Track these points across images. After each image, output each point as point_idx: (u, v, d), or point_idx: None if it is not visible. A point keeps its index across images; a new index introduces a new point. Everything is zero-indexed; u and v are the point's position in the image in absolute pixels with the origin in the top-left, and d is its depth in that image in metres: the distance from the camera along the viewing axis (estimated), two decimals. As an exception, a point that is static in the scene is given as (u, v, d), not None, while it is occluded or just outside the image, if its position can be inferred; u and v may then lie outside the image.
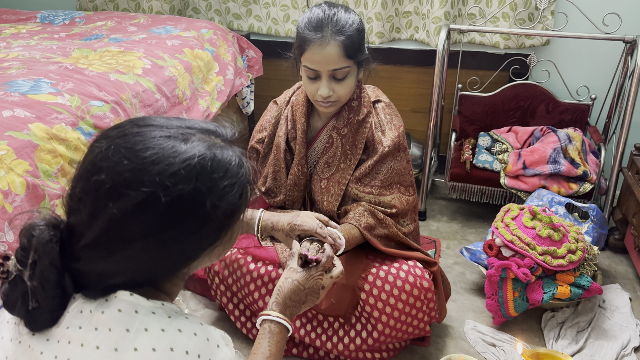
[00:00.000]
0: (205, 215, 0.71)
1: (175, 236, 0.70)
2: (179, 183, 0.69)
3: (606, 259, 2.06)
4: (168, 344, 0.70)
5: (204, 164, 0.71)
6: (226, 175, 0.73)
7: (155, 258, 0.72)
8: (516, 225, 1.72)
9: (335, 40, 1.38)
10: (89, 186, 0.69)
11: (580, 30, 2.15)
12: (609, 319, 1.75)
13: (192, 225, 0.71)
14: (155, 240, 0.70)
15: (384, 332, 1.47)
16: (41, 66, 1.64)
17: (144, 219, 0.68)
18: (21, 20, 2.40)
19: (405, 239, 1.57)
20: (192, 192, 0.70)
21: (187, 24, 2.23)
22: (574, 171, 2.07)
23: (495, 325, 1.72)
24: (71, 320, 0.73)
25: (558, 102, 2.31)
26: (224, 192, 0.72)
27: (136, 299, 0.73)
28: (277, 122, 1.64)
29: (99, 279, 0.72)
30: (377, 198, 1.57)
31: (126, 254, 0.70)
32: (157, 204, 0.68)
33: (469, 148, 2.31)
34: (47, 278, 0.70)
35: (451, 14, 2.29)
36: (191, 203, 0.70)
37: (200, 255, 0.76)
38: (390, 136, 1.57)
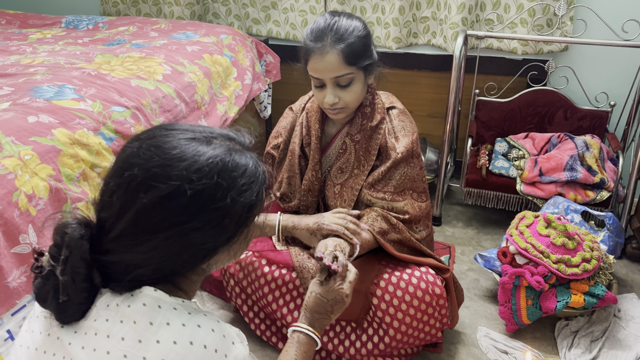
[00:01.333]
0: (225, 209, 0.77)
1: (197, 227, 0.76)
2: (203, 178, 0.75)
3: (623, 267, 2.05)
4: (188, 338, 0.76)
5: (225, 163, 0.78)
6: (244, 174, 0.80)
7: (178, 249, 0.77)
8: (530, 233, 1.72)
9: (335, 48, 1.41)
10: (122, 180, 0.76)
11: (599, 36, 2.14)
12: (624, 328, 1.74)
13: (213, 217, 0.77)
14: (179, 231, 0.75)
15: (395, 338, 1.49)
16: (65, 72, 1.69)
17: (170, 210, 0.75)
18: (47, 25, 2.47)
19: (418, 244, 1.59)
20: (214, 186, 0.76)
21: (206, 30, 2.27)
22: (591, 179, 2.06)
23: (508, 333, 1.72)
24: (98, 313, 0.78)
25: (576, 108, 2.29)
26: (243, 188, 0.79)
27: (160, 294, 0.79)
28: (292, 129, 1.68)
29: (125, 271, 0.77)
30: (390, 204, 1.58)
31: (152, 244, 0.75)
32: (182, 196, 0.74)
33: (486, 154, 2.31)
34: (78, 272, 0.76)
35: (469, 20, 2.29)
36: (213, 196, 0.76)
37: (219, 250, 0.81)
38: (403, 142, 1.58)
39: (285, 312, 1.59)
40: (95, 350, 0.75)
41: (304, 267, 1.56)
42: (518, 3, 2.24)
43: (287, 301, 1.59)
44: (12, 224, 1.18)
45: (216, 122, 1.92)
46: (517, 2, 2.24)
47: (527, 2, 2.20)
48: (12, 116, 1.34)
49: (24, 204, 1.20)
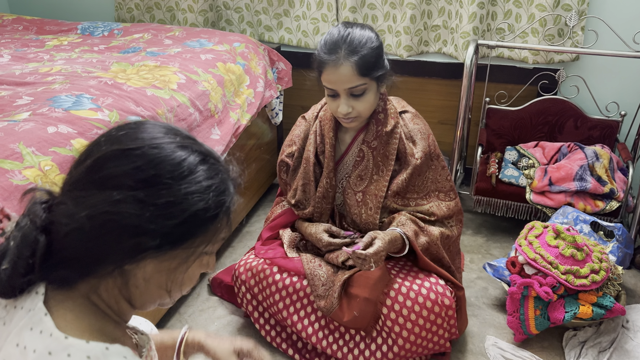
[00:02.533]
0: (175, 194, 0.71)
1: (140, 198, 0.69)
2: (166, 152, 0.72)
3: (632, 278, 2.05)
4: None
5: (195, 160, 0.73)
6: (214, 179, 0.74)
7: (114, 218, 0.69)
8: (539, 244, 1.74)
9: (349, 60, 1.44)
10: (94, 140, 0.75)
11: (610, 47, 2.14)
12: (632, 339, 1.75)
13: (158, 195, 0.70)
14: (121, 195, 0.69)
15: (404, 347, 1.51)
16: (82, 81, 1.72)
17: (122, 165, 0.70)
18: (63, 31, 2.51)
19: (442, 252, 1.61)
20: (175, 165, 0.71)
21: (220, 38, 2.30)
22: (601, 189, 2.06)
23: (516, 342, 1.74)
24: (21, 304, 0.74)
25: (587, 117, 2.30)
26: (206, 191, 0.73)
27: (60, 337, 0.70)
28: (306, 137, 1.71)
29: (61, 239, 0.71)
30: (415, 209, 1.62)
31: (94, 200, 0.69)
32: (139, 157, 0.70)
33: (495, 162, 2.32)
34: (25, 234, 0.71)
35: (480, 29, 2.31)
36: (169, 172, 0.71)
37: (150, 247, 0.71)
38: (421, 146, 1.61)
39: (296, 320, 1.61)
40: None
41: (314, 274, 1.59)
42: (529, 13, 2.25)
43: (297, 309, 1.62)
44: (32, 233, 1.21)
45: (229, 130, 1.95)
46: (529, 12, 2.25)
47: (539, 12, 2.21)
48: (32, 127, 1.38)
49: (44, 213, 1.24)
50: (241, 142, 2.19)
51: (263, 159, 2.48)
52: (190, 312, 1.86)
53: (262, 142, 2.45)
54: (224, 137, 1.92)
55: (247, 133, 2.25)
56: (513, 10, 2.29)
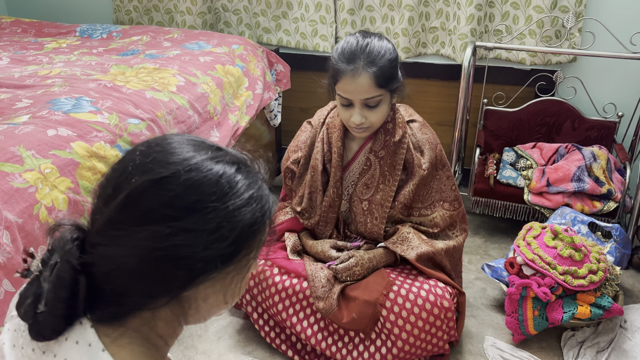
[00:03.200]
0: (223, 214, 0.68)
1: (187, 228, 0.66)
2: (204, 171, 0.68)
3: (629, 278, 2.06)
4: None
5: (231, 171, 0.71)
6: (251, 188, 0.72)
7: (163, 252, 0.66)
8: (537, 244, 1.74)
9: (367, 72, 1.43)
10: (119, 166, 0.71)
11: (607, 48, 2.15)
12: (630, 339, 1.75)
13: (207, 221, 0.67)
14: (167, 227, 0.66)
15: (403, 349, 1.52)
16: (82, 84, 1.73)
17: (160, 197, 0.66)
18: (62, 34, 2.52)
19: (445, 262, 1.63)
20: (214, 184, 0.68)
21: (219, 40, 2.30)
22: (598, 189, 2.07)
23: (515, 343, 1.74)
24: (64, 344, 0.70)
25: (584, 118, 2.31)
26: (249, 201, 0.70)
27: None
28: (312, 144, 1.70)
29: (104, 279, 0.69)
30: (419, 219, 1.64)
31: (137, 238, 0.66)
32: (176, 183, 0.67)
33: (493, 163, 2.33)
34: (61, 277, 0.67)
35: (477, 31, 2.32)
36: (210, 194, 0.68)
37: (210, 271, 0.70)
38: (428, 157, 1.62)
39: (295, 321, 1.62)
40: None
41: (316, 276, 1.60)
42: (527, 14, 2.26)
43: (296, 310, 1.62)
44: (32, 236, 1.22)
45: (228, 132, 1.96)
46: (526, 13, 2.26)
47: (536, 13, 2.22)
48: (32, 130, 1.38)
49: (44, 216, 1.24)
50: (240, 144, 2.20)
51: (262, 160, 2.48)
52: (190, 314, 1.86)
53: (260, 143, 2.45)
54: (223, 139, 1.92)
55: (246, 135, 2.25)
56: (510, 12, 2.30)
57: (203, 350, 1.71)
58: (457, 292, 1.62)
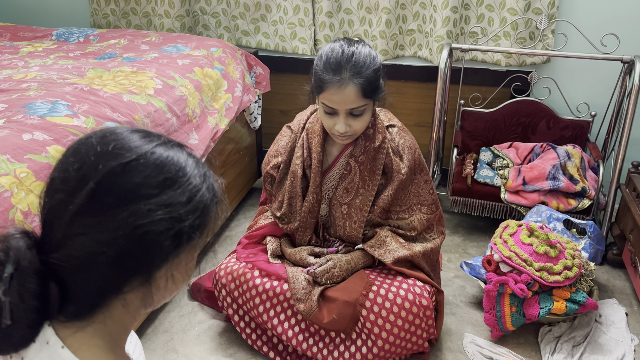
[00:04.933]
0: (192, 188, 0.73)
1: (165, 203, 0.70)
2: (163, 154, 0.72)
3: (604, 273, 2.11)
4: None
5: (185, 156, 0.76)
6: (204, 170, 0.77)
7: (141, 231, 0.69)
8: (514, 242, 1.78)
9: (354, 83, 1.42)
10: (78, 157, 0.71)
11: (579, 49, 2.20)
12: (605, 333, 1.79)
13: (180, 194, 0.72)
14: (143, 207, 0.69)
15: (383, 348, 1.53)
16: (58, 87, 1.71)
17: (133, 178, 0.69)
18: (37, 37, 2.49)
19: (419, 260, 1.65)
20: (175, 164, 0.73)
21: (197, 43, 2.30)
22: (573, 187, 2.12)
23: (493, 339, 1.77)
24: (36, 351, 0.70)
25: (559, 118, 2.36)
26: (208, 179, 0.76)
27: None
28: (292, 149, 1.70)
29: (76, 275, 0.69)
30: (397, 222, 1.66)
31: (115, 222, 0.68)
32: (146, 165, 0.70)
33: (471, 163, 2.36)
34: (27, 288, 0.67)
35: (453, 33, 2.35)
36: (178, 170, 0.73)
37: (180, 245, 0.73)
38: (407, 162, 1.64)
39: (276, 323, 1.62)
40: None
41: (296, 278, 1.60)
42: (501, 17, 2.30)
43: (277, 312, 1.63)
44: (8, 241, 1.20)
45: (207, 135, 1.96)
46: (501, 15, 2.30)
47: (510, 16, 2.26)
48: (7, 134, 1.37)
49: (20, 221, 1.23)
50: (220, 146, 2.20)
51: (242, 163, 2.49)
52: (171, 318, 1.85)
53: (241, 146, 2.45)
54: (202, 141, 1.92)
55: (226, 137, 2.25)
56: (485, 14, 2.34)
57: (184, 354, 1.71)
58: (435, 290, 1.65)
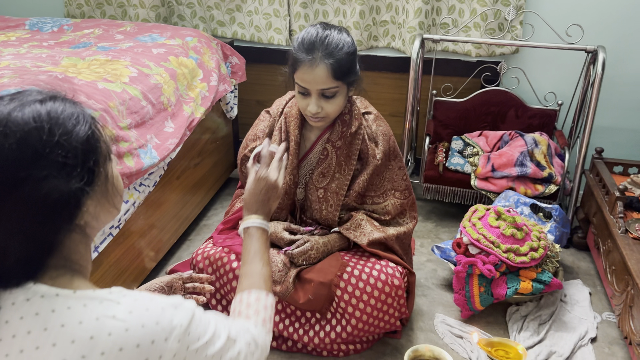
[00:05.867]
0: (60, 147, 0.72)
1: (43, 176, 0.70)
2: (19, 126, 0.70)
3: (570, 256, 2.19)
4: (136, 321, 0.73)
5: (37, 108, 0.73)
6: (64, 111, 0.75)
7: (39, 208, 0.70)
8: (482, 225, 1.84)
9: (325, 63, 1.47)
10: None
11: (546, 40, 2.28)
12: (569, 312, 1.87)
13: (52, 160, 0.71)
14: (28, 187, 0.69)
15: (357, 327, 1.58)
16: (32, 75, 1.71)
17: (5, 169, 0.69)
18: (10, 27, 2.47)
19: (392, 243, 1.70)
20: (35, 129, 0.71)
21: (172, 32, 2.31)
22: (540, 173, 2.19)
23: (463, 319, 1.83)
24: (8, 315, 0.72)
25: (527, 107, 2.43)
26: (69, 124, 0.73)
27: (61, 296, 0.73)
28: (270, 132, 1.74)
29: (6, 255, 0.71)
30: (372, 207, 1.71)
31: (6, 212, 0.69)
32: (8, 151, 0.69)
33: (443, 151, 2.43)
34: None
35: (425, 24, 2.40)
36: (39, 139, 0.71)
37: (81, 198, 0.75)
38: (382, 148, 1.69)
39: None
40: (22, 351, 0.70)
41: (272, 261, 1.64)
42: (471, 8, 2.36)
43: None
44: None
45: (182, 123, 1.98)
46: (471, 7, 2.36)
47: (480, 7, 2.32)
48: (-19, 119, 1.37)
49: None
50: (196, 136, 2.22)
51: (219, 152, 2.51)
52: (148, 304, 1.87)
53: (217, 136, 2.47)
54: (177, 130, 1.94)
55: (202, 127, 2.27)
56: (456, 5, 2.40)
57: (162, 338, 1.73)
58: (407, 272, 1.70)
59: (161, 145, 1.82)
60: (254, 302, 1.04)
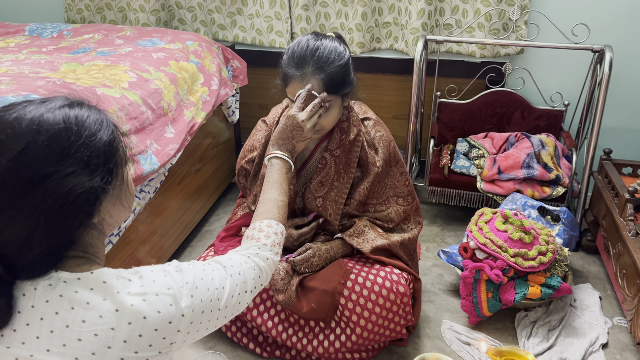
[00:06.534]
0: (86, 147, 0.78)
1: (68, 173, 0.76)
2: (50, 126, 0.76)
3: (579, 259, 2.15)
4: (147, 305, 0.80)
5: (66, 111, 0.79)
6: (89, 117, 0.81)
7: (60, 204, 0.75)
8: (489, 229, 1.80)
9: (315, 78, 1.42)
10: None
11: (551, 40, 2.24)
12: (579, 317, 1.83)
13: (78, 159, 0.77)
14: (52, 183, 0.74)
15: (362, 336, 1.54)
16: (30, 81, 1.69)
17: (32, 165, 0.74)
18: (10, 33, 2.45)
19: (396, 250, 1.66)
20: (65, 130, 0.77)
21: (172, 36, 2.29)
22: (547, 175, 2.15)
23: (471, 325, 1.79)
24: (33, 300, 0.78)
25: (533, 108, 2.39)
26: (95, 128, 0.80)
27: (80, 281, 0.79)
28: (267, 142, 1.69)
29: (20, 255, 0.76)
30: (374, 215, 1.67)
31: (31, 206, 0.74)
32: (38, 147, 0.75)
33: (448, 153, 2.39)
34: None
35: (428, 25, 2.37)
36: (67, 139, 0.77)
37: (100, 195, 0.80)
38: (382, 154, 1.64)
39: (256, 314, 1.62)
40: (53, 331, 0.76)
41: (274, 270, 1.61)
42: (475, 8, 2.32)
43: (257, 304, 1.63)
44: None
45: (183, 128, 1.95)
46: (474, 7, 2.33)
47: (484, 7, 2.29)
48: (-24, 127, 1.35)
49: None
50: (197, 141, 2.19)
51: (220, 157, 2.48)
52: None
53: (219, 140, 2.45)
54: (178, 135, 1.91)
55: (204, 132, 2.25)
56: (460, 6, 2.36)
57: (163, 347, 1.70)
58: (412, 278, 1.66)
59: (161, 150, 1.79)
60: (265, 227, 1.16)
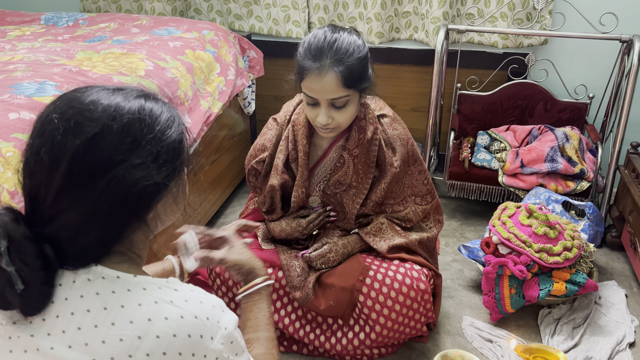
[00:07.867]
0: (157, 141, 0.78)
1: (137, 164, 0.75)
2: (125, 114, 0.76)
3: (603, 256, 2.09)
4: (178, 312, 0.77)
5: (141, 103, 0.79)
6: (162, 113, 0.80)
7: (124, 193, 0.74)
8: (513, 223, 1.75)
9: (334, 70, 1.35)
10: (44, 139, 0.74)
11: (577, 29, 2.17)
12: (605, 315, 1.78)
13: (149, 151, 0.77)
14: (120, 171, 0.74)
15: (381, 333, 1.50)
16: (46, 69, 1.67)
17: (103, 150, 0.73)
18: (25, 22, 2.44)
19: (415, 247, 1.62)
20: (139, 120, 0.77)
21: (188, 26, 2.25)
22: (571, 169, 2.09)
23: (492, 322, 1.75)
24: (68, 292, 0.75)
25: (556, 100, 2.33)
26: (167, 123, 0.80)
27: (122, 275, 0.78)
28: (278, 142, 1.63)
29: (75, 239, 0.75)
30: (391, 215, 1.63)
31: (96, 192, 0.73)
32: (111, 133, 0.74)
33: (468, 147, 2.34)
34: (26, 252, 0.72)
35: (450, 14, 2.31)
36: (141, 129, 0.76)
37: (162, 191, 0.79)
38: (399, 154, 1.59)
39: (273, 311, 1.59)
40: (80, 329, 0.74)
41: (290, 265, 1.57)
42: (498, -3, 2.26)
43: (273, 300, 1.60)
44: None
45: (200, 118, 1.92)
46: (497, -4, 2.27)
47: (507, -4, 2.23)
48: (-8, 113, 1.33)
49: (7, 200, 1.19)
50: (213, 132, 2.16)
51: (236, 149, 2.45)
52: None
53: (235, 132, 2.41)
54: (195, 125, 1.88)
55: (220, 123, 2.21)
56: (482, -5, 2.30)
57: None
58: (433, 274, 1.61)
59: (178, 140, 1.76)
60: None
